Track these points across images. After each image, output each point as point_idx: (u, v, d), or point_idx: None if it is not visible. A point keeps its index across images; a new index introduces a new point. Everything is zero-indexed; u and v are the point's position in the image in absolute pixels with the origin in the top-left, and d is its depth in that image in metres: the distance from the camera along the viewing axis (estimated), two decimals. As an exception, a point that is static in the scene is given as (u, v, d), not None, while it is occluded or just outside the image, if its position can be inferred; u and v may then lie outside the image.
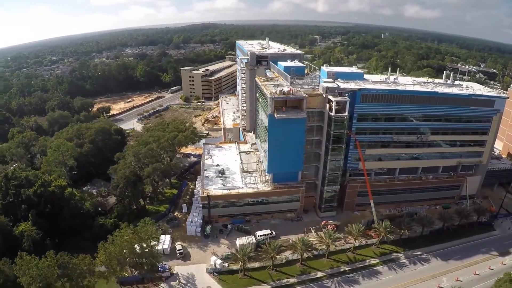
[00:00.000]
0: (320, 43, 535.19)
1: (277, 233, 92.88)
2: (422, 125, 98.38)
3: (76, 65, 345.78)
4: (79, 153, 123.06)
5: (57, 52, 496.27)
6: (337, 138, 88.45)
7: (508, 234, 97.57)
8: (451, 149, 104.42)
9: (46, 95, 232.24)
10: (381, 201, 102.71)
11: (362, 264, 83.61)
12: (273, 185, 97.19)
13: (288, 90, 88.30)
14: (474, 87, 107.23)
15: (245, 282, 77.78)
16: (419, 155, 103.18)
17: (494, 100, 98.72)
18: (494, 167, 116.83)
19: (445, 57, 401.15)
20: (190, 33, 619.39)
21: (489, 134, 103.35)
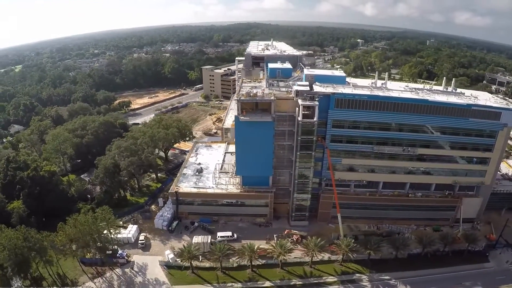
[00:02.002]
0: (361, 47, 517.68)
1: (240, 236, 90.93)
2: (409, 136, 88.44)
3: (114, 58, 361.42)
4: (77, 143, 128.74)
5: (100, 45, 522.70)
6: (305, 145, 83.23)
7: (503, 269, 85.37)
8: (444, 165, 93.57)
9: (74, 87, 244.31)
10: (361, 215, 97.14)
11: (317, 280, 78.56)
12: (243, 188, 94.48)
13: (256, 92, 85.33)
14: (479, 96, 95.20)
15: (191, 280, 78.36)
16: (406, 169, 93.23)
17: (500, 112, 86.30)
18: (503, 189, 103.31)
19: (488, 66, 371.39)
20: (233, 32, 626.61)
21: (493, 151, 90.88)
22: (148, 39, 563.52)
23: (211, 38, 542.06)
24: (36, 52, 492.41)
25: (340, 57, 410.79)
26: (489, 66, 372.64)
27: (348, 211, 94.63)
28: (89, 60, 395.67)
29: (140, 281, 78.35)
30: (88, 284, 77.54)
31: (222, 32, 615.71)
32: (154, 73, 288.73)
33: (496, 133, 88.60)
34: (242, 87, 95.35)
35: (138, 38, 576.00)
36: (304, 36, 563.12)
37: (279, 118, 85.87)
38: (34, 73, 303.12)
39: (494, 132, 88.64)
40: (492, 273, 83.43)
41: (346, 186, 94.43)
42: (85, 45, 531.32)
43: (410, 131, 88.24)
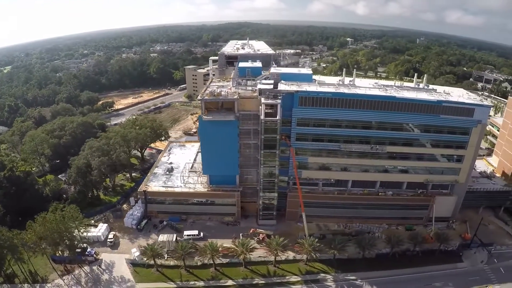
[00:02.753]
0: (351, 45, 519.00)
1: (207, 235, 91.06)
2: (377, 134, 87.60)
3: (101, 59, 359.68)
4: (55, 144, 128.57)
5: (89, 45, 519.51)
6: (269, 143, 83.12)
7: (477, 269, 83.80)
8: (416, 163, 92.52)
9: (59, 88, 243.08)
10: (331, 214, 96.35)
11: (280, 280, 78.32)
12: (210, 187, 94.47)
13: (219, 92, 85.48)
14: (453, 93, 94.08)
15: (155, 277, 78.91)
16: (376, 167, 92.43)
17: (473, 108, 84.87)
18: (480, 188, 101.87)
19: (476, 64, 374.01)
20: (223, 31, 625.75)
21: (467, 148, 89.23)
22: (137, 39, 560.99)
23: (201, 37, 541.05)
24: (26, 53, 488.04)
25: (328, 55, 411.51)
26: (476, 64, 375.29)
27: (317, 210, 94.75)
28: (78, 61, 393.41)
29: (106, 278, 79.27)
30: (57, 281, 78.60)
31: (212, 31, 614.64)
32: (140, 73, 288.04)
33: (469, 130, 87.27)
34: (210, 86, 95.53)
35: (127, 38, 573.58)
36: (293, 35, 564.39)
37: (244, 117, 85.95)
38: (21, 74, 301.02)
39: (467, 129, 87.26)
40: (465, 274, 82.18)
41: (314, 184, 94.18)
42: (75, 45, 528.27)
43: (378, 129, 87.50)
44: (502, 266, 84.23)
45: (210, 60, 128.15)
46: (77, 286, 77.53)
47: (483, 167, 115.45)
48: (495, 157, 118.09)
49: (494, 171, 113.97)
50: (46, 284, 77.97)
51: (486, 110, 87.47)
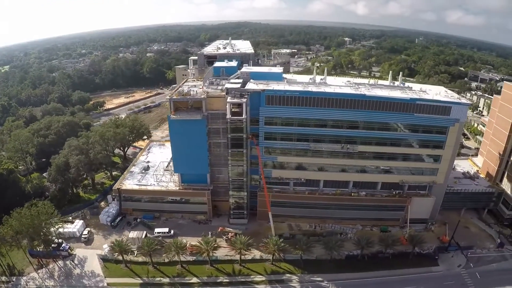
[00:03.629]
0: (349, 45, 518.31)
1: (177, 233, 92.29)
2: (348, 133, 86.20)
3: (97, 58, 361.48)
4: (40, 142, 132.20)
5: (88, 45, 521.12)
6: (236, 142, 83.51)
7: (454, 273, 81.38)
8: (389, 163, 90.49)
9: (52, 87, 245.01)
10: (303, 214, 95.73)
11: (244, 279, 78.63)
12: (182, 186, 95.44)
13: (188, 91, 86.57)
14: (430, 90, 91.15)
15: (123, 273, 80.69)
16: (348, 167, 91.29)
17: (450, 107, 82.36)
18: (462, 189, 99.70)
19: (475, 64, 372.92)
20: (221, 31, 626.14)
21: (445, 148, 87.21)
22: (135, 38, 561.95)
23: (198, 37, 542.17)
24: (25, 52, 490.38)
25: (324, 55, 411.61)
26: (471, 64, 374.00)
27: (289, 209, 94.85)
28: (75, 60, 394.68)
29: (78, 272, 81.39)
30: (33, 274, 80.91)
31: (211, 31, 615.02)
32: (133, 73, 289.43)
33: (446, 129, 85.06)
34: (182, 86, 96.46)
35: (125, 38, 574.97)
36: (291, 35, 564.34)
37: (212, 116, 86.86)
38: (17, 74, 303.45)
39: (444, 128, 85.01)
40: (439, 278, 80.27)
41: (285, 184, 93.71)
42: (73, 45, 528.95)
43: (348, 128, 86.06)
44: (479, 271, 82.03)
45: (190, 60, 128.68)
46: (50, 280, 79.73)
47: (467, 167, 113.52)
48: (480, 157, 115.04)
49: (479, 171, 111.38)
50: (22, 277, 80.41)
51: (464, 109, 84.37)
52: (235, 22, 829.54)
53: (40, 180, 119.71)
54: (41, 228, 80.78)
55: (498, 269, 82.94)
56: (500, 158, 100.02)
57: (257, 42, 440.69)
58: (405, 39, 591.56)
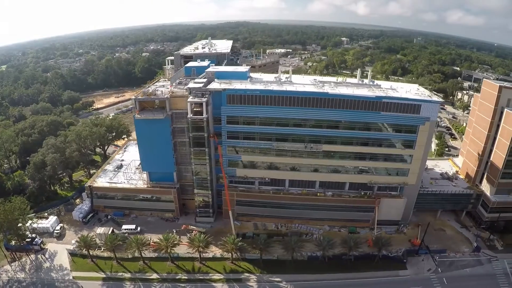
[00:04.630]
0: (346, 45, 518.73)
1: (145, 230, 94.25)
2: (310, 132, 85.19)
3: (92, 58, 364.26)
4: (24, 141, 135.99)
5: (85, 45, 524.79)
6: (198, 141, 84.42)
7: (422, 277, 79.35)
8: (356, 163, 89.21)
9: (44, 87, 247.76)
10: (270, 214, 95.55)
11: (202, 276, 79.65)
12: (150, 184, 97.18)
13: (153, 91, 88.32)
14: (402, 88, 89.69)
15: (89, 267, 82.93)
16: (313, 167, 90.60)
17: (419, 105, 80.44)
18: (438, 190, 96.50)
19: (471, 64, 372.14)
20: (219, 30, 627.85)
21: (415, 147, 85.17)
22: (133, 38, 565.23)
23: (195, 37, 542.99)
24: (23, 52, 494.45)
25: (319, 55, 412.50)
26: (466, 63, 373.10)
27: (255, 209, 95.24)
28: (72, 60, 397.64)
29: (47, 266, 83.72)
30: (6, 267, 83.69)
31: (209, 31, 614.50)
32: (125, 73, 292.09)
33: (416, 128, 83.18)
34: (151, 86, 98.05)
35: (123, 37, 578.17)
36: (288, 34, 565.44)
37: (177, 115, 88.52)
38: (11, 73, 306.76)
39: (414, 127, 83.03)
40: (406, 282, 78.44)
41: (251, 183, 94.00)
42: (71, 44, 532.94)
43: (311, 127, 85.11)
44: (450, 276, 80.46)
45: (167, 60, 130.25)
46: (22, 272, 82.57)
47: (447, 168, 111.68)
48: (461, 158, 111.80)
49: (458, 172, 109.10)
50: None
51: (434, 107, 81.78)
52: (234, 22, 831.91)
53: (21, 178, 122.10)
54: (15, 223, 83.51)
55: (471, 274, 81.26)
56: (479, 159, 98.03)
57: (253, 42, 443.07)
58: (403, 39, 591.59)
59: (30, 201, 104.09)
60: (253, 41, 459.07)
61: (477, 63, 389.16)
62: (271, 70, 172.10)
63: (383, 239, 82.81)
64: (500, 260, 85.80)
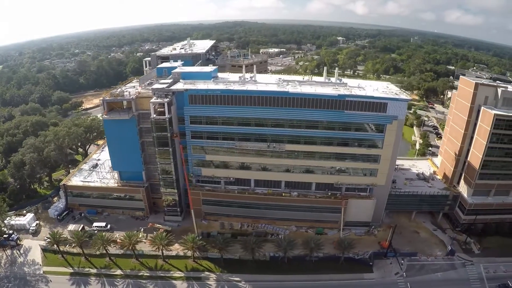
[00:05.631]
0: (342, 44, 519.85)
1: (115, 227, 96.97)
2: (272, 131, 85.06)
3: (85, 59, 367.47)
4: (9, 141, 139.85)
5: (82, 45, 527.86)
6: (161, 141, 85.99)
7: (388, 281, 77.76)
8: (320, 163, 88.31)
9: (35, 88, 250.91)
10: (236, 214, 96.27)
11: (164, 274, 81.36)
12: (120, 183, 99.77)
13: (120, 92, 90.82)
14: (370, 86, 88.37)
15: (59, 263, 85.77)
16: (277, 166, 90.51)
17: (385, 103, 78.68)
18: (409, 191, 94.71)
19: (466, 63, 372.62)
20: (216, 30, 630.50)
21: (383, 147, 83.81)
22: (129, 38, 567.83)
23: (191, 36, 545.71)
24: (20, 52, 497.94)
25: (313, 54, 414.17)
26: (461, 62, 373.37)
27: (222, 208, 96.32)
28: (67, 60, 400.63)
29: (21, 261, 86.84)
30: None
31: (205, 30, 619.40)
32: (117, 73, 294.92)
33: (383, 127, 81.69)
34: (121, 87, 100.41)
35: (119, 37, 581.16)
36: (284, 34, 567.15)
37: (144, 115, 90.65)
38: (5, 73, 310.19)
39: (381, 126, 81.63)
40: (371, 285, 77.55)
41: (217, 183, 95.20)
42: (68, 44, 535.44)
43: (273, 126, 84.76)
44: (417, 281, 78.89)
45: (145, 62, 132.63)
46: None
47: (425, 168, 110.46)
48: (440, 157, 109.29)
49: (436, 172, 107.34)
50: None
51: (402, 105, 79.90)
52: (232, 22, 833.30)
53: (4, 177, 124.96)
54: None
55: (442, 279, 79.71)
56: (456, 159, 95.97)
57: (248, 41, 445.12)
58: (400, 39, 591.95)
59: (11, 199, 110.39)
60: (248, 40, 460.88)
61: (472, 62, 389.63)
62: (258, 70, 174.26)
63: (346, 241, 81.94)
64: (475, 265, 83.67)
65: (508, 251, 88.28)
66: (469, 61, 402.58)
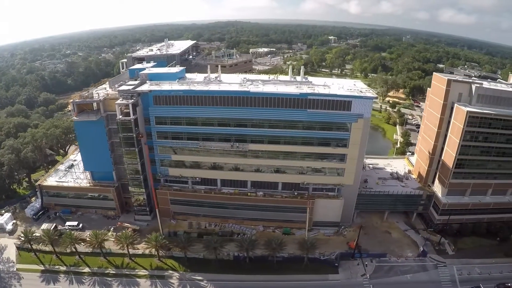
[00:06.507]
0: (333, 43, 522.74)
1: (86, 226, 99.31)
2: (235, 131, 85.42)
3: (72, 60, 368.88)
4: None
5: (73, 45, 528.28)
6: (128, 142, 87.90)
7: (353, 283, 77.26)
8: (285, 162, 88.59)
9: (23, 89, 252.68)
10: (203, 213, 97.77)
11: (129, 272, 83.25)
12: (92, 182, 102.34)
13: (89, 94, 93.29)
14: (339, 84, 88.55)
15: (32, 260, 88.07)
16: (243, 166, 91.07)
17: (350, 101, 78.38)
18: (380, 191, 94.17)
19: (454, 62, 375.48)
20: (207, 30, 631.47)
21: (349, 146, 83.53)
22: (121, 38, 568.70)
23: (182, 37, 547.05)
24: (12, 53, 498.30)
25: (302, 54, 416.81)
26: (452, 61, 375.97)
27: (190, 208, 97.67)
28: (58, 61, 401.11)
29: None
30: None
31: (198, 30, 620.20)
32: (105, 74, 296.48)
33: (348, 126, 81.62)
34: (93, 89, 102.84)
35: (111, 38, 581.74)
36: (275, 33, 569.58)
37: (112, 117, 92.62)
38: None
39: (346, 125, 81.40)
40: (335, 286, 77.37)
41: (184, 182, 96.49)
42: (60, 45, 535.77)
43: (236, 126, 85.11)
44: (384, 282, 78.25)
45: (121, 63, 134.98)
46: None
47: (401, 167, 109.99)
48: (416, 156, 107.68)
49: (411, 171, 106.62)
50: None
51: (367, 102, 79.38)
52: (225, 22, 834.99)
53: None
54: None
55: (412, 280, 78.78)
56: (430, 158, 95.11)
57: (238, 41, 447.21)
58: (392, 38, 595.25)
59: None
60: (238, 40, 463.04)
61: (464, 61, 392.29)
62: (243, 70, 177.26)
63: (309, 242, 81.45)
64: (448, 266, 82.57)
65: (485, 252, 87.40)
66: (460, 59, 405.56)
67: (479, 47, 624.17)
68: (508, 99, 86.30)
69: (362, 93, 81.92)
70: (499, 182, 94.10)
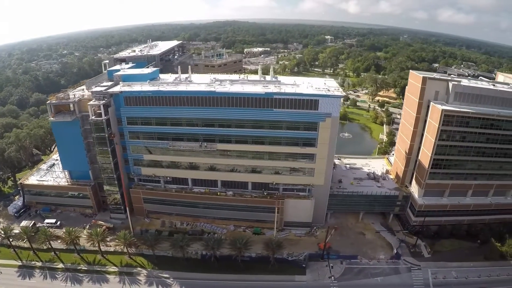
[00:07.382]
0: (330, 43, 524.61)
1: (64, 224, 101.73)
2: (203, 131, 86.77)
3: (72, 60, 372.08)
4: None
5: (70, 45, 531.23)
6: (101, 141, 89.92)
7: (319, 284, 76.60)
8: (253, 162, 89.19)
9: (16, 90, 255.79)
10: (176, 212, 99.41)
11: (100, 268, 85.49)
12: (71, 181, 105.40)
13: (64, 95, 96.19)
14: (309, 83, 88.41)
15: (11, 256, 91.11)
16: (213, 165, 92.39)
17: (317, 100, 78.18)
18: (353, 191, 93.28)
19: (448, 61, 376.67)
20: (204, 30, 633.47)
21: (317, 146, 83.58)
22: (117, 38, 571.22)
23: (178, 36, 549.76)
24: (9, 53, 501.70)
25: (297, 53, 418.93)
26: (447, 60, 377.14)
27: (163, 207, 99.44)
28: (54, 62, 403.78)
29: None
30: None
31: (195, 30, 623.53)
32: (97, 74, 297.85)
33: (316, 125, 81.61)
34: (71, 90, 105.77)
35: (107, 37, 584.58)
36: (272, 33, 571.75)
37: (87, 117, 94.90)
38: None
39: (313, 124, 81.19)
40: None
41: (157, 182, 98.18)
42: (57, 45, 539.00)
43: (204, 126, 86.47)
44: (353, 284, 77.69)
45: (103, 64, 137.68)
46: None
47: (380, 167, 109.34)
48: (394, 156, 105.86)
49: (389, 171, 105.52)
50: None
51: (335, 101, 79.36)
52: (222, 21, 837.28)
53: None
54: None
55: (382, 283, 77.63)
56: (407, 157, 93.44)
57: (234, 41, 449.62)
58: (389, 37, 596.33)
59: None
60: (234, 40, 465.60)
61: (460, 60, 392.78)
62: (232, 70, 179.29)
63: (274, 242, 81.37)
64: (423, 269, 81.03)
65: (464, 255, 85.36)
66: (456, 59, 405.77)
67: (478, 46, 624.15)
68: (488, 97, 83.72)
69: (329, 92, 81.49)
70: (480, 183, 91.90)
